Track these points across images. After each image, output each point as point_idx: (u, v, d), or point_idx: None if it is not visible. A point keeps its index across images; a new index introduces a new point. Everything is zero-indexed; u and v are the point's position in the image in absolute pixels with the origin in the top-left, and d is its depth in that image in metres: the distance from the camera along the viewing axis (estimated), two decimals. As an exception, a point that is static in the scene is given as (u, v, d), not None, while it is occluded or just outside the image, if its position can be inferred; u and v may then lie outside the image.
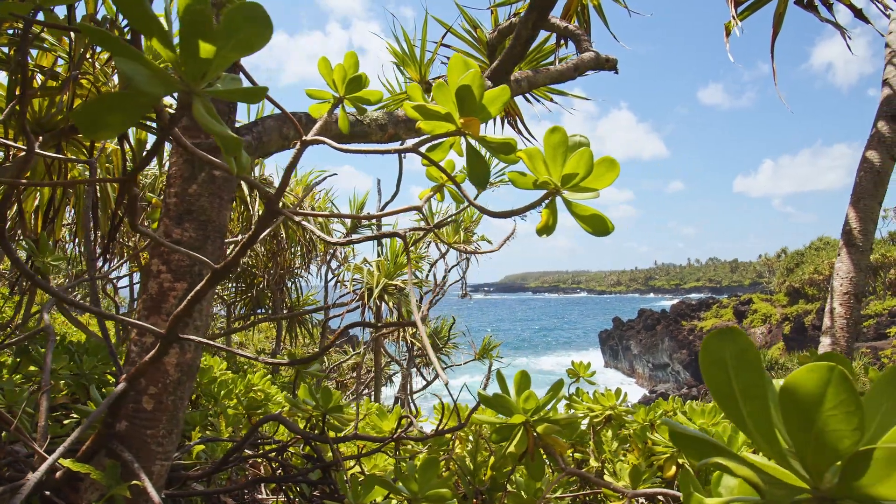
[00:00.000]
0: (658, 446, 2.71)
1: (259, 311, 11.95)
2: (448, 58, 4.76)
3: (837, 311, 2.68)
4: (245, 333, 17.12)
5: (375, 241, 10.98)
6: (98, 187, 4.50)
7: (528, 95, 4.51)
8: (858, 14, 4.16)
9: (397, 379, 14.20)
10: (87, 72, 3.59)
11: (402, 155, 7.31)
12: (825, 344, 2.68)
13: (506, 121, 4.98)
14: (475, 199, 1.14)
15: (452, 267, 11.45)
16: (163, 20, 0.69)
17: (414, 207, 1.24)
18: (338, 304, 9.30)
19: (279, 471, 1.93)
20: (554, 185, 0.97)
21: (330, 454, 1.95)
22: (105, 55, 3.75)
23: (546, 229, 1.04)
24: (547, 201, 1.01)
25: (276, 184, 8.14)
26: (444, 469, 2.15)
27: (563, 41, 4.43)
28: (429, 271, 11.40)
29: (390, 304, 7.66)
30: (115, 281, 13.49)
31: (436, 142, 1.08)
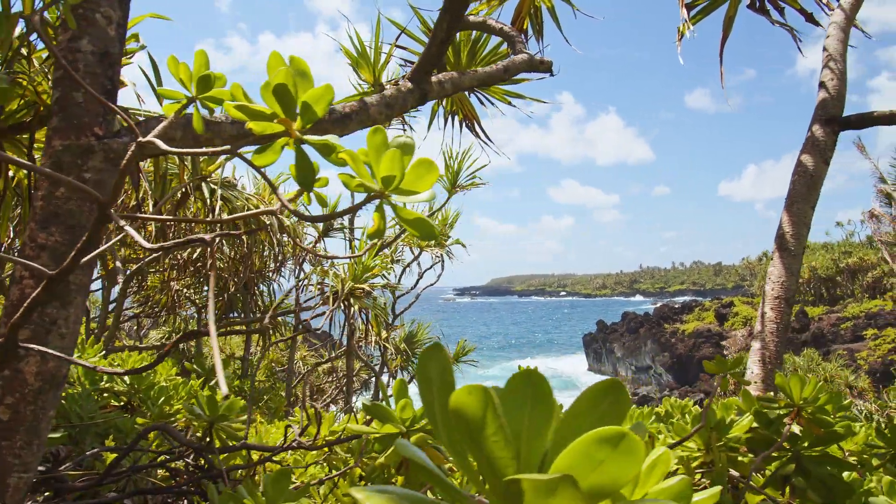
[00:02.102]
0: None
1: (232, 314, 11.84)
2: (405, 60, 4.73)
3: (768, 315, 2.66)
4: (220, 337, 16.94)
5: (348, 245, 10.91)
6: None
7: (480, 98, 4.48)
8: (809, 18, 4.18)
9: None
10: (21, 71, 3.51)
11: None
12: (755, 349, 2.66)
13: (463, 124, 4.95)
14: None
15: (426, 270, 11.42)
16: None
17: (268, 211, 1.20)
18: (303, 307, 9.22)
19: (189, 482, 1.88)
20: (377, 188, 0.93)
21: (238, 462, 1.90)
22: (44, 53, 3.67)
23: (376, 233, 1.01)
24: (374, 204, 0.97)
25: (241, 185, 8.04)
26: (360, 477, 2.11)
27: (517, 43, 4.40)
28: (401, 274, 11.35)
29: (356, 307, 7.59)
30: (86, 284, 13.18)
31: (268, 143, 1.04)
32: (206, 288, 11.66)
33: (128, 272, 8.34)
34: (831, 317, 45.61)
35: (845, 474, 2.05)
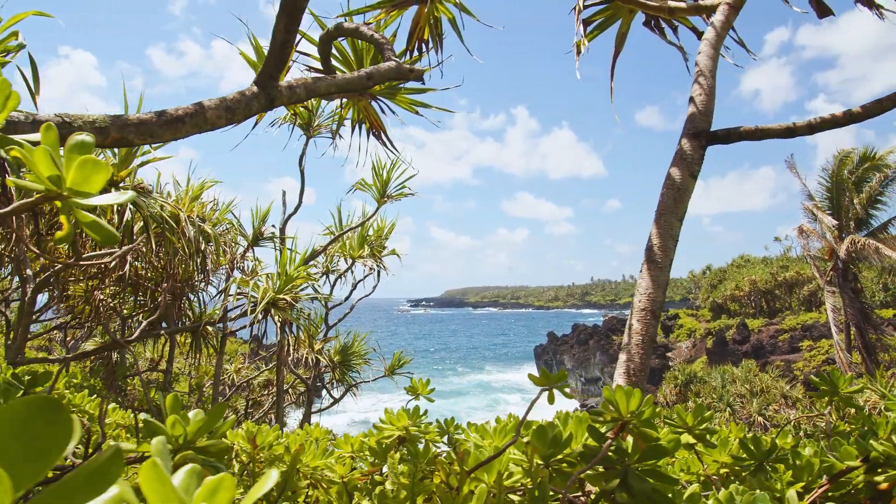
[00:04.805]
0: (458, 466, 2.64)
1: (162, 325, 11.48)
2: (308, 66, 4.66)
3: (635, 327, 2.67)
4: (158, 349, 16.43)
5: (279, 254, 10.71)
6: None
7: (383, 106, 4.44)
8: (700, 36, 4.28)
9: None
10: None
11: (302, 167, 7.03)
12: (622, 360, 2.66)
13: (371, 133, 4.90)
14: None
15: (359, 281, 11.27)
16: None
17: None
18: (230, 318, 8.98)
19: None
20: (43, 188, 0.86)
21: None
22: None
23: (64, 238, 0.93)
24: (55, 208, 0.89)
25: (155, 190, 7.79)
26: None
27: (418, 51, 4.39)
28: (333, 284, 11.17)
29: (276, 318, 7.41)
30: (7, 294, 12.66)
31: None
32: (132, 297, 11.29)
33: (38, 280, 7.95)
34: (770, 328, 47.16)
35: (694, 487, 2.05)
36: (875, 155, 22.41)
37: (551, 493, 1.94)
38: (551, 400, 1.89)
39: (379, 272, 11.61)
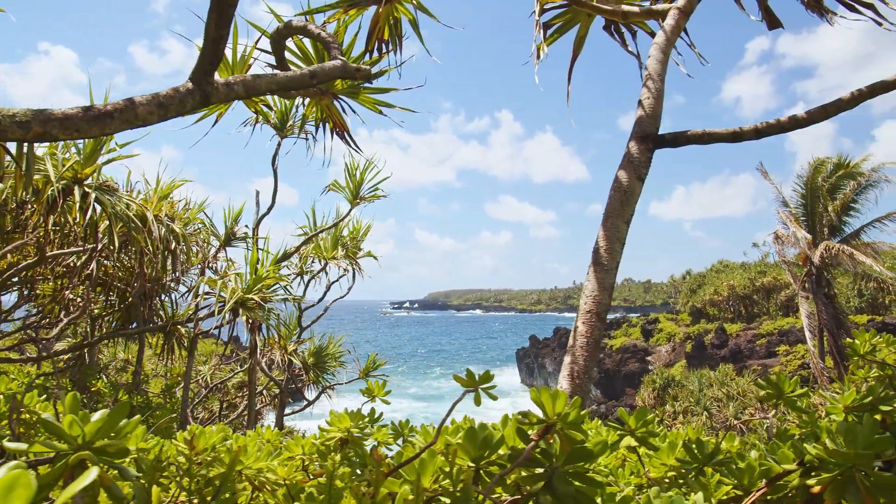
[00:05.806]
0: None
1: (132, 325, 11.36)
2: (270, 64, 4.62)
3: (580, 329, 2.67)
4: (128, 350, 16.25)
5: (249, 254, 10.61)
6: None
7: (345, 105, 4.42)
8: (660, 42, 4.32)
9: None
10: None
11: (275, 166, 6.99)
12: (566, 363, 2.66)
13: (334, 132, 4.88)
14: None
15: (333, 282, 11.19)
16: None
17: None
18: (200, 318, 8.89)
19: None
20: None
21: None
22: None
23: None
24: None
25: (125, 188, 7.69)
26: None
27: (383, 50, 4.38)
28: (306, 285, 11.09)
29: (244, 318, 7.34)
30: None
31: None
32: (102, 297, 11.14)
33: (1, 279, 7.81)
34: (748, 333, 47.67)
35: (628, 491, 2.04)
36: (849, 163, 22.76)
37: (482, 497, 1.93)
38: (478, 401, 1.88)
39: (354, 274, 11.54)
